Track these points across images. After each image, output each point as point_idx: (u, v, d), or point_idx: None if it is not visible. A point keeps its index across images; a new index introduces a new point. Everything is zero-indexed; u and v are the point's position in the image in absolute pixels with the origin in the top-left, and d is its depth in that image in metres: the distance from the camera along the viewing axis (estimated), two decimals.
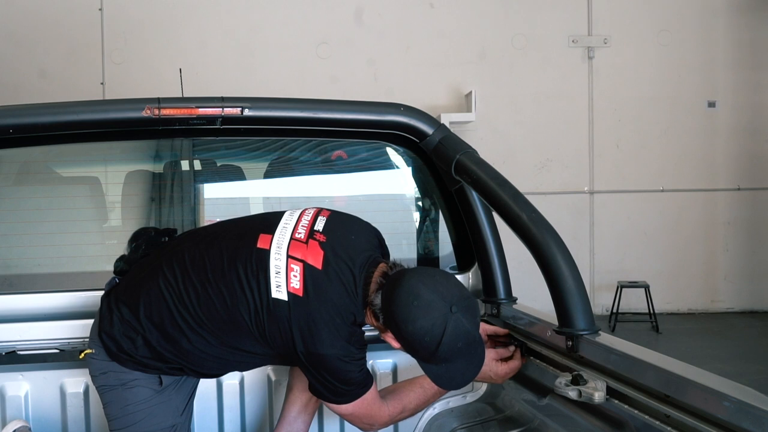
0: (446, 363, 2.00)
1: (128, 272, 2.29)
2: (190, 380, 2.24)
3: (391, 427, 2.67)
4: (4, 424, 2.36)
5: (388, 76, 8.06)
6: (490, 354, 2.27)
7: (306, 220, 2.12)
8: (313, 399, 2.42)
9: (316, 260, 2.03)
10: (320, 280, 2.01)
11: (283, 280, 2.00)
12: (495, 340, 2.40)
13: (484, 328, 2.36)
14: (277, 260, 2.03)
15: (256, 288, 2.01)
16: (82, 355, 2.18)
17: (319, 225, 2.11)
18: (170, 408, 2.16)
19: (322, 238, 2.07)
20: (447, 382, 2.10)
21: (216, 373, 2.29)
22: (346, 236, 2.11)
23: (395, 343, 2.04)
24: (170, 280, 2.10)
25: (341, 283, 2.03)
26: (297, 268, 2.01)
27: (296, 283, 2.00)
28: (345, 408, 2.11)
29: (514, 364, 2.28)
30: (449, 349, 1.96)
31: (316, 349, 1.99)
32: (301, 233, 2.08)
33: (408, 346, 2.01)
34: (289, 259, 2.03)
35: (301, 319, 1.99)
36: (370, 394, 2.12)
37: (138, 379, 2.11)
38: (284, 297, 1.99)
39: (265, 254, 2.04)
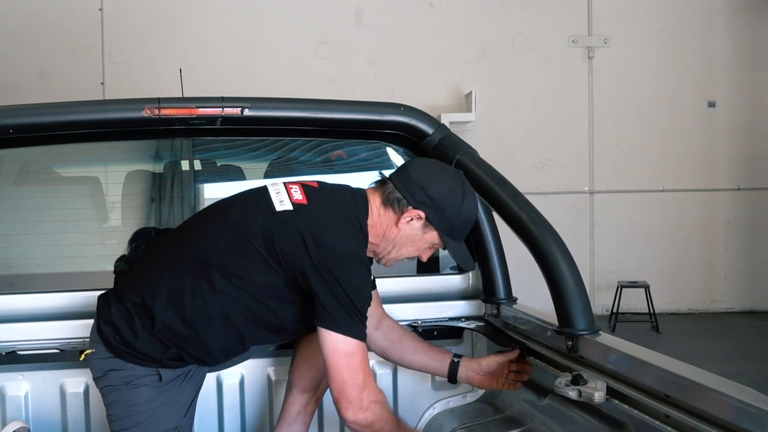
0: (460, 239, 2.13)
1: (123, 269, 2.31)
2: (192, 379, 2.21)
3: None
4: (4, 425, 2.36)
5: (388, 76, 8.06)
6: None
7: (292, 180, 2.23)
8: (313, 400, 2.41)
9: (312, 184, 2.15)
10: (321, 192, 2.11)
11: (285, 196, 2.07)
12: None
13: (499, 361, 2.40)
14: (275, 187, 2.12)
15: (258, 213, 2.05)
16: (83, 356, 2.16)
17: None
18: (174, 409, 2.14)
19: (314, 181, 2.20)
20: (464, 260, 2.20)
21: (216, 352, 2.19)
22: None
23: (418, 223, 2.07)
24: (167, 248, 2.17)
25: (341, 195, 2.12)
26: (296, 187, 2.11)
27: (298, 196, 2.08)
28: (350, 345, 1.97)
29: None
30: (469, 206, 2.10)
31: (330, 244, 1.98)
32: (293, 180, 2.19)
33: (438, 211, 2.05)
34: (287, 184, 2.13)
35: (310, 223, 2.01)
36: (366, 350, 2.03)
37: (140, 377, 2.09)
38: (289, 207, 2.04)
39: (263, 188, 2.14)
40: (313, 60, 8.06)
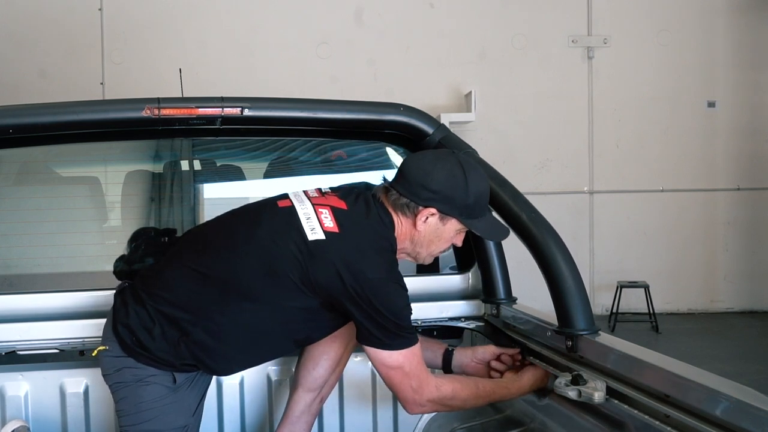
0: (481, 215, 2.12)
1: (140, 270, 2.29)
2: (202, 379, 2.22)
3: (391, 426, 2.68)
4: (4, 424, 2.36)
5: (388, 76, 8.06)
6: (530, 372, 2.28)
7: (313, 190, 2.21)
8: (318, 399, 2.40)
9: (340, 204, 2.11)
10: (351, 217, 2.08)
11: (315, 223, 2.05)
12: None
13: (494, 353, 2.40)
14: (304, 209, 2.09)
15: (290, 241, 2.03)
16: (95, 352, 2.15)
17: (327, 190, 2.20)
18: (183, 408, 2.14)
19: (335, 194, 2.17)
20: (492, 234, 2.20)
21: (236, 366, 2.25)
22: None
23: (433, 219, 2.08)
24: (191, 258, 2.12)
25: (370, 218, 2.09)
26: (325, 211, 2.08)
27: (329, 223, 2.05)
28: (395, 359, 2.05)
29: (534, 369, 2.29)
30: (475, 181, 2.08)
31: (366, 275, 1.99)
32: (315, 194, 2.17)
33: (446, 200, 2.06)
34: (315, 206, 2.09)
35: (344, 253, 2.00)
36: (419, 350, 2.09)
37: (153, 375, 2.09)
38: (321, 237, 2.02)
39: (289, 208, 2.10)
40: (313, 60, 8.06)
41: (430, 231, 2.11)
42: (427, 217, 2.08)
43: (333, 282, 2.00)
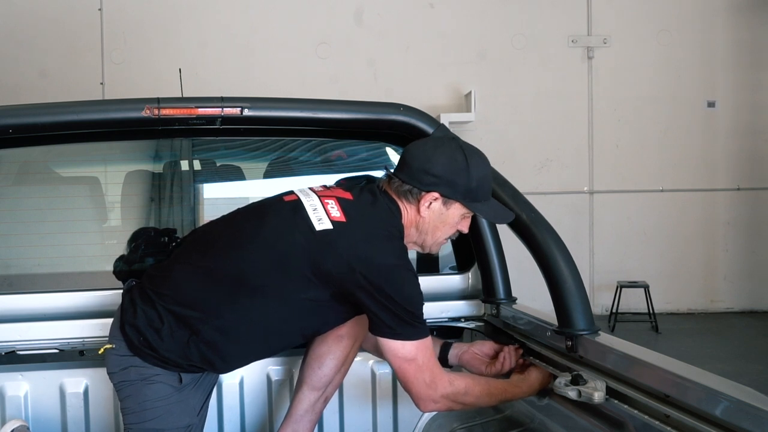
0: (485, 199, 2.12)
1: (147, 269, 2.29)
2: (207, 379, 2.23)
3: (391, 426, 2.68)
4: (4, 424, 2.36)
5: (388, 76, 8.06)
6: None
7: (318, 186, 2.21)
8: (322, 398, 2.39)
9: (346, 195, 2.12)
10: (357, 206, 2.09)
11: (322, 213, 2.05)
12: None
13: (493, 347, 2.40)
14: (310, 201, 2.09)
15: (298, 233, 2.03)
16: (102, 350, 2.15)
17: (332, 185, 2.22)
18: (188, 407, 2.15)
19: (340, 187, 2.19)
20: (495, 216, 2.19)
21: (241, 362, 2.26)
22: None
23: (437, 203, 2.08)
24: (199, 257, 2.12)
25: (376, 206, 2.09)
26: (332, 202, 2.08)
27: (336, 212, 2.05)
28: (409, 350, 2.03)
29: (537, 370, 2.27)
30: (477, 165, 2.08)
31: (375, 261, 1.99)
32: (320, 188, 2.18)
33: (449, 184, 2.06)
34: (321, 197, 2.10)
35: (352, 241, 2.00)
36: (431, 344, 2.09)
37: (159, 374, 2.09)
38: (329, 226, 2.02)
39: (295, 202, 2.11)
40: (313, 60, 8.06)
41: (435, 216, 2.11)
42: (430, 203, 2.09)
43: (343, 271, 2.00)
